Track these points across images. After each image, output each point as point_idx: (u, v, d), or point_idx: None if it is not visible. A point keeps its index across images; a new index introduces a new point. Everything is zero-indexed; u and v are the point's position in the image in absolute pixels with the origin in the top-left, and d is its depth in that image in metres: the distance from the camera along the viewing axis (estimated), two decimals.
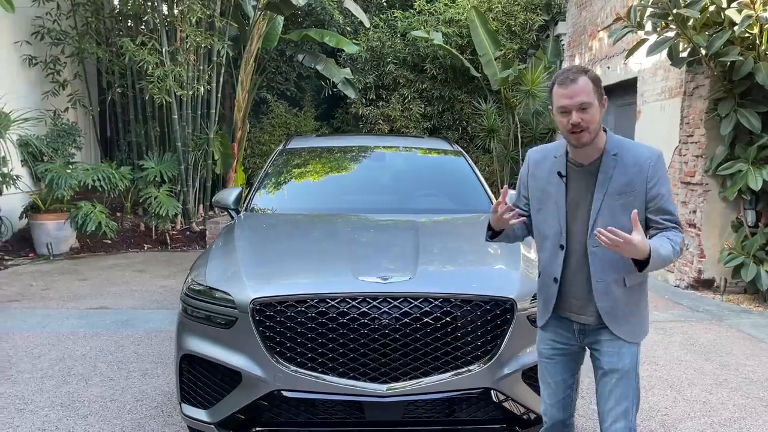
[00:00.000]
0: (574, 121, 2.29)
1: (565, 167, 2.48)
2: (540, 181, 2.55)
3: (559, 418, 2.64)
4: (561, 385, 2.61)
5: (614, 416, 2.43)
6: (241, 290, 2.95)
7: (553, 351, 2.59)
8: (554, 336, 2.59)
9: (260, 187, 4.57)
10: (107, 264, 8.62)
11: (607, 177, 2.38)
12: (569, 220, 2.46)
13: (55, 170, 8.78)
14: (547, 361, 2.62)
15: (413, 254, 3.24)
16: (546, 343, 2.62)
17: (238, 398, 2.91)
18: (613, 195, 2.37)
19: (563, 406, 2.63)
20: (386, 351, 2.84)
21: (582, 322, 2.49)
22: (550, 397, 2.63)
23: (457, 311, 2.88)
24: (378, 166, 4.94)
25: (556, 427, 2.66)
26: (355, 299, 2.86)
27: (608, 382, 2.47)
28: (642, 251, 2.21)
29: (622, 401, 2.43)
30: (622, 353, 2.44)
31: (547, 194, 2.52)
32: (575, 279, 2.47)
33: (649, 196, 2.36)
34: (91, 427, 3.70)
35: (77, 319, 5.92)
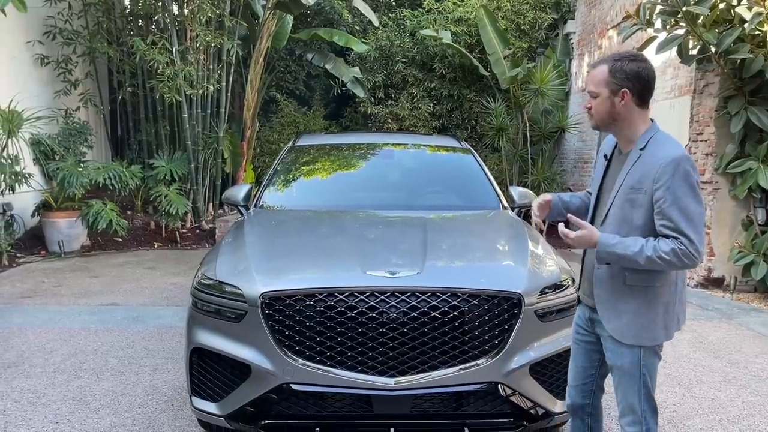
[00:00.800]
0: (586, 105, 2.47)
1: (612, 152, 2.59)
2: (598, 162, 2.69)
3: (578, 402, 2.70)
4: (580, 371, 2.68)
5: (622, 409, 2.49)
6: (251, 284, 2.98)
7: (577, 336, 2.70)
8: (578, 320, 2.70)
9: (269, 183, 4.60)
10: (118, 261, 8.69)
11: (627, 170, 2.42)
12: (599, 202, 2.56)
13: (66, 169, 8.87)
14: (574, 344, 2.72)
15: (421, 250, 3.26)
16: (574, 327, 2.72)
17: (248, 391, 2.93)
18: (625, 189, 2.41)
19: (582, 392, 2.69)
20: (394, 345, 2.86)
21: (588, 304, 2.59)
22: (571, 379, 2.73)
23: (464, 306, 2.90)
24: (386, 163, 4.97)
25: (576, 410, 2.73)
26: (363, 293, 2.88)
27: (613, 376, 2.52)
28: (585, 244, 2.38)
29: (627, 397, 2.45)
30: (620, 351, 2.44)
31: (597, 174, 2.65)
32: (589, 262, 2.58)
33: (654, 197, 2.31)
34: (103, 420, 3.75)
35: (88, 315, 5.98)
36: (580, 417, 2.76)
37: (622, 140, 2.49)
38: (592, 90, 2.43)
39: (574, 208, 2.80)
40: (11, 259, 8.48)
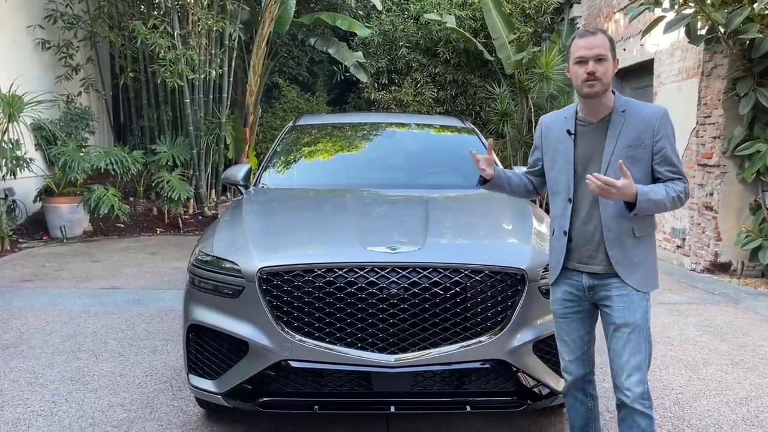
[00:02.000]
0: (590, 69, 2.45)
1: (574, 126, 2.62)
2: (551, 142, 2.71)
3: (580, 373, 2.71)
4: (578, 342, 2.69)
5: (629, 370, 2.49)
6: (248, 260, 2.91)
7: (566, 310, 2.68)
8: (565, 295, 2.67)
9: (270, 163, 4.53)
10: (120, 247, 8.66)
11: (617, 132, 2.52)
12: (578, 175, 2.58)
13: (68, 153, 8.82)
14: (562, 320, 2.71)
15: (423, 227, 3.19)
16: (559, 303, 2.70)
17: (245, 368, 2.88)
18: (622, 148, 2.50)
19: (582, 362, 2.71)
20: (394, 321, 2.80)
21: (591, 271, 2.58)
22: (568, 354, 2.72)
23: (466, 282, 2.83)
24: (389, 142, 4.88)
25: (578, 384, 2.74)
26: (363, 269, 2.82)
27: (621, 337, 2.52)
28: (629, 194, 2.36)
29: (636, 354, 2.49)
30: (633, 307, 2.51)
31: (557, 153, 2.67)
32: (585, 230, 2.58)
33: (655, 148, 2.50)
34: (101, 400, 3.70)
35: (89, 298, 5.94)
36: (582, 389, 2.75)
37: (600, 108, 2.54)
38: (602, 53, 2.46)
39: (514, 184, 2.90)
40: (13, 244, 8.45)
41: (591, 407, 2.77)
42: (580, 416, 2.78)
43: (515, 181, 2.90)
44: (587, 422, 2.78)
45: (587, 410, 2.77)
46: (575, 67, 2.51)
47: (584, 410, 2.77)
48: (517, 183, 2.90)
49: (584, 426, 2.78)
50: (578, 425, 2.79)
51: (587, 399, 2.76)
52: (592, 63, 2.45)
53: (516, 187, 2.90)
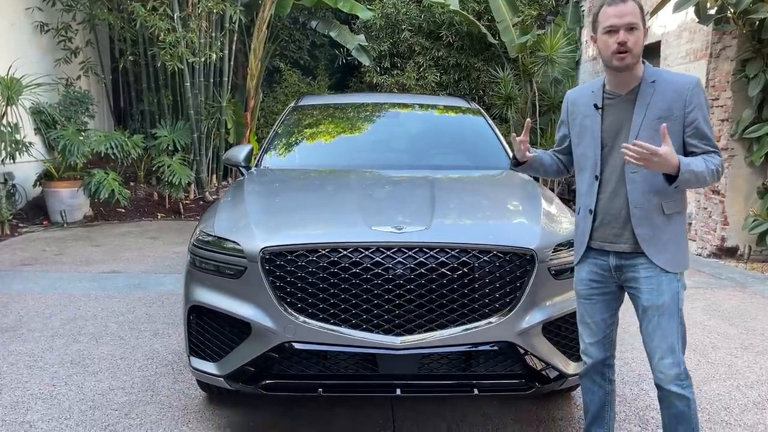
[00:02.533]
0: (621, 39, 2.32)
1: (602, 100, 2.51)
2: (578, 117, 2.60)
3: (599, 357, 2.64)
4: (600, 324, 2.61)
5: (661, 353, 2.43)
6: (250, 239, 2.84)
7: (591, 291, 2.60)
8: (590, 275, 2.59)
9: (271, 143, 4.44)
10: (120, 231, 8.60)
11: (645, 103, 2.41)
12: (605, 151, 2.49)
13: (67, 137, 8.74)
14: (585, 301, 2.62)
15: (429, 207, 3.11)
16: (583, 284, 2.62)
17: (248, 350, 2.81)
18: (651, 120, 2.39)
19: (603, 346, 2.64)
20: (400, 303, 2.73)
21: (617, 250, 2.49)
22: (589, 337, 2.64)
23: (474, 262, 2.75)
24: (393, 123, 4.78)
25: (597, 367, 2.66)
26: (369, 249, 2.74)
27: (650, 320, 2.44)
28: (671, 164, 2.24)
29: (667, 337, 2.41)
30: (661, 289, 2.41)
31: (584, 128, 2.56)
32: (611, 207, 2.48)
33: (687, 120, 2.38)
34: (101, 383, 3.65)
35: (89, 282, 5.88)
36: (601, 372, 2.68)
37: (630, 80, 2.43)
38: (634, 22, 2.34)
39: (547, 164, 2.82)
40: (13, 228, 8.39)
41: (608, 391, 2.70)
42: (597, 400, 2.71)
43: (547, 161, 2.81)
44: (603, 406, 2.71)
45: (604, 394, 2.70)
46: (604, 37, 2.37)
47: (601, 394, 2.70)
48: (549, 163, 2.81)
49: (599, 410, 2.72)
50: (593, 409, 2.72)
51: (605, 383, 2.69)
52: (623, 32, 2.32)
53: (548, 167, 2.81)
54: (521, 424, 3.24)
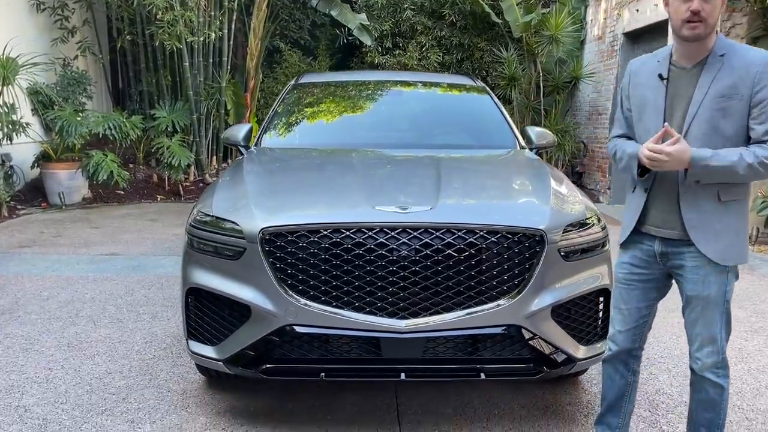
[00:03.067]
0: (695, 8, 2.14)
1: (668, 70, 2.32)
2: (640, 88, 2.42)
3: (626, 346, 2.53)
4: (635, 313, 2.49)
5: (701, 341, 2.34)
6: (250, 220, 2.74)
7: (631, 276, 2.47)
8: (633, 260, 2.46)
9: (271, 122, 4.33)
10: (120, 213, 8.50)
11: (710, 78, 2.22)
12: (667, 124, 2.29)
13: (65, 118, 8.61)
14: (624, 286, 2.50)
15: (434, 186, 3.01)
16: (623, 267, 2.49)
17: (248, 334, 2.73)
18: (714, 98, 2.21)
19: (633, 336, 2.52)
20: (405, 285, 2.64)
21: (664, 236, 2.35)
22: (620, 324, 2.52)
23: (481, 244, 2.66)
24: (396, 101, 4.66)
25: (621, 356, 2.55)
26: (372, 229, 2.64)
27: (693, 309, 2.34)
28: (684, 160, 2.15)
29: (709, 328, 2.31)
30: (708, 281, 2.28)
31: (646, 100, 2.38)
32: (662, 188, 2.33)
33: (753, 101, 2.17)
34: (98, 366, 3.57)
35: (87, 264, 5.79)
36: (625, 362, 2.56)
37: (699, 51, 2.25)
38: None
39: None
40: (11, 210, 8.29)
41: (630, 382, 2.59)
42: (615, 389, 2.60)
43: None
44: (621, 396, 2.60)
45: (625, 385, 2.59)
46: (676, 2, 2.19)
47: (621, 384, 2.59)
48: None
49: (616, 399, 2.61)
50: (610, 397, 2.62)
51: (628, 373, 2.58)
52: (698, 0, 2.14)
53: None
54: (528, 409, 3.16)
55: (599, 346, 2.95)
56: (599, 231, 2.95)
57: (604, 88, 10.40)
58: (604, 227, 3.01)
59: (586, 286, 2.85)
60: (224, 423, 2.97)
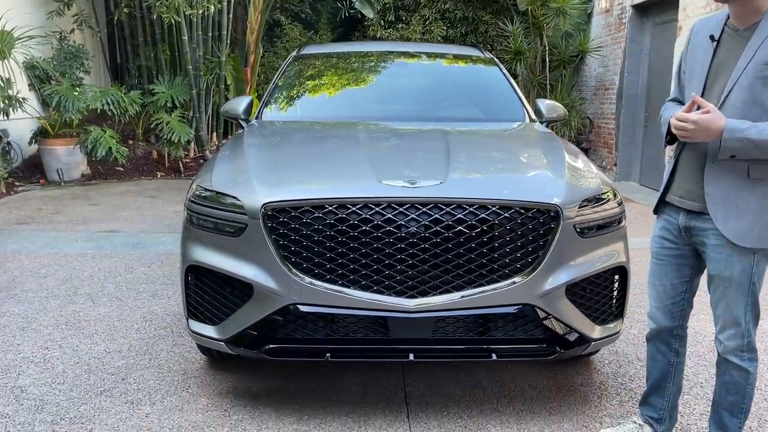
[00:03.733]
0: None
1: (721, 31, 2.18)
2: (695, 50, 2.28)
3: (665, 324, 2.45)
4: (669, 290, 2.40)
5: (723, 322, 2.25)
6: (251, 194, 2.62)
7: (662, 250, 2.39)
8: (662, 232, 2.38)
9: (272, 94, 4.18)
10: (119, 190, 8.39)
11: (758, 42, 2.06)
12: (706, 90, 2.19)
13: (62, 92, 8.45)
14: (656, 261, 2.42)
15: (444, 160, 2.88)
16: (656, 241, 2.42)
17: (250, 313, 2.62)
18: (757, 64, 2.05)
19: (670, 313, 2.43)
20: (414, 263, 2.53)
21: (687, 208, 2.24)
22: (655, 300, 2.45)
23: (493, 219, 2.54)
24: (402, 72, 4.50)
25: (662, 335, 2.47)
26: (379, 205, 2.52)
27: (716, 289, 2.24)
28: (713, 130, 2.02)
29: (732, 309, 2.20)
30: (731, 261, 2.16)
31: (695, 62, 2.26)
32: (690, 156, 2.22)
33: None
34: (96, 345, 3.48)
35: (86, 241, 5.69)
36: (666, 341, 2.47)
37: (749, 12, 2.09)
38: None
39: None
40: (9, 187, 8.18)
41: (673, 363, 2.49)
42: (658, 369, 2.52)
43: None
44: (664, 377, 2.51)
45: (667, 365, 2.50)
46: None
47: (664, 364, 2.50)
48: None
49: (660, 380, 2.52)
50: (654, 377, 2.54)
51: (670, 353, 2.48)
52: None
53: None
54: (539, 390, 3.07)
55: (614, 326, 2.85)
56: (616, 207, 2.83)
57: (611, 63, 10.20)
58: (620, 203, 2.89)
59: (602, 264, 2.74)
60: (226, 404, 2.88)
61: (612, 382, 3.16)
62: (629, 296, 2.92)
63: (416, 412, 2.85)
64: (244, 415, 2.80)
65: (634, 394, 3.03)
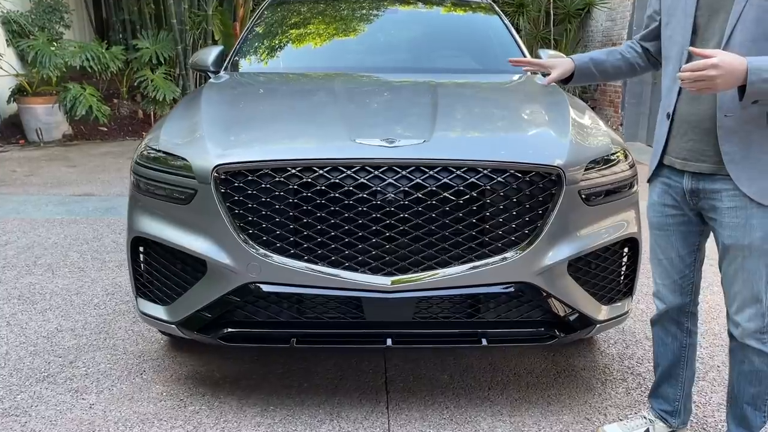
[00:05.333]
0: None
1: None
2: None
3: (675, 302, 2.12)
4: (676, 263, 2.07)
5: (741, 301, 1.90)
6: (202, 155, 2.25)
7: (664, 219, 2.06)
8: (662, 198, 2.05)
9: (245, 43, 3.76)
10: (100, 151, 8.01)
11: None
12: (698, 35, 1.85)
13: (38, 47, 8.01)
14: (658, 232, 2.09)
15: (430, 115, 2.49)
16: (654, 209, 2.08)
17: (203, 292, 2.27)
18: None
19: (680, 289, 2.11)
20: (391, 235, 2.17)
21: (694, 170, 1.91)
22: (661, 277, 2.12)
23: (485, 184, 2.17)
24: (391, 19, 4.04)
25: (671, 314, 2.15)
26: (352, 168, 2.15)
27: (732, 261, 1.90)
28: (735, 74, 1.64)
29: (752, 284, 1.88)
30: (750, 224, 1.84)
31: (676, 1, 1.91)
32: (691, 112, 1.88)
33: None
34: (48, 323, 3.15)
35: (56, 205, 5.33)
36: (677, 321, 2.15)
37: None
38: None
39: (610, 66, 2.25)
40: None
41: (685, 345, 2.17)
42: (669, 354, 2.19)
43: (611, 62, 2.23)
44: (676, 361, 2.19)
45: (679, 348, 2.17)
46: None
47: (675, 347, 2.18)
48: (614, 64, 2.23)
49: (672, 366, 2.20)
50: (664, 364, 2.21)
51: (682, 334, 2.16)
52: None
53: (614, 69, 2.24)
54: (536, 375, 2.74)
55: (622, 305, 2.50)
56: (627, 169, 2.46)
57: (619, 16, 9.66)
58: (632, 165, 2.51)
59: (610, 236, 2.38)
60: (183, 392, 2.56)
61: (617, 365, 2.84)
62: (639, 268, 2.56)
63: (397, 401, 2.52)
64: (202, 405, 2.48)
65: (643, 380, 2.70)
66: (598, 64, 2.26)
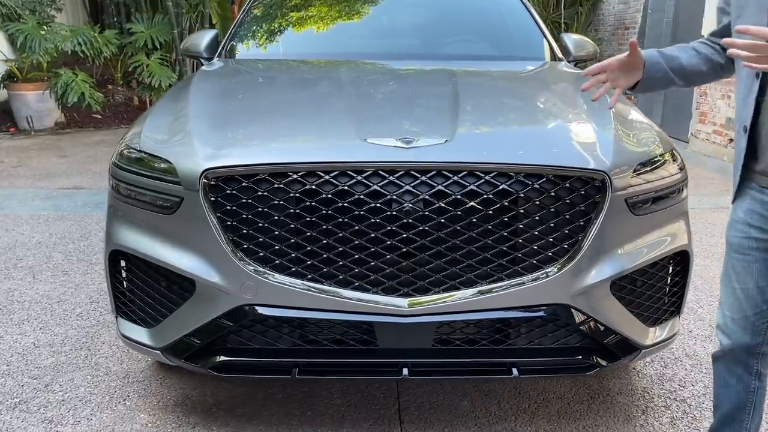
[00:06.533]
0: None
1: None
2: None
3: (743, 341, 1.75)
4: (754, 295, 1.71)
5: None
6: (188, 156, 1.94)
7: (747, 241, 1.70)
8: (752, 217, 1.68)
9: (240, 27, 3.43)
10: (93, 140, 7.69)
11: None
12: None
13: (27, 31, 7.64)
14: (737, 255, 1.72)
15: (451, 110, 2.18)
16: (737, 228, 1.72)
17: (191, 315, 1.98)
18: None
19: (752, 327, 1.73)
20: (409, 250, 1.87)
21: None
22: (731, 309, 1.76)
23: (517, 191, 1.86)
24: (400, 1, 3.72)
25: (740, 353, 1.77)
26: (362, 172, 1.84)
27: None
28: None
29: None
30: None
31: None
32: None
33: None
34: (25, 337, 2.86)
35: (43, 200, 5.03)
36: (744, 362, 1.77)
37: None
38: None
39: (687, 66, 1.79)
40: None
41: (753, 389, 1.80)
42: (732, 396, 1.83)
43: (687, 61, 1.79)
44: (741, 406, 1.83)
45: (745, 391, 1.81)
46: None
47: (740, 389, 1.81)
48: (690, 62, 1.79)
49: (735, 409, 1.84)
50: (725, 407, 1.85)
51: (750, 377, 1.79)
52: None
53: (691, 69, 1.79)
54: (567, 401, 2.45)
55: (670, 326, 2.20)
56: (677, 172, 2.15)
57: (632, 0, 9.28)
58: (682, 167, 2.20)
59: (660, 249, 2.08)
60: (170, 423, 2.27)
61: (658, 389, 2.54)
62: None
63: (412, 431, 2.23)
64: None
65: (689, 407, 2.41)
66: (670, 60, 1.80)
